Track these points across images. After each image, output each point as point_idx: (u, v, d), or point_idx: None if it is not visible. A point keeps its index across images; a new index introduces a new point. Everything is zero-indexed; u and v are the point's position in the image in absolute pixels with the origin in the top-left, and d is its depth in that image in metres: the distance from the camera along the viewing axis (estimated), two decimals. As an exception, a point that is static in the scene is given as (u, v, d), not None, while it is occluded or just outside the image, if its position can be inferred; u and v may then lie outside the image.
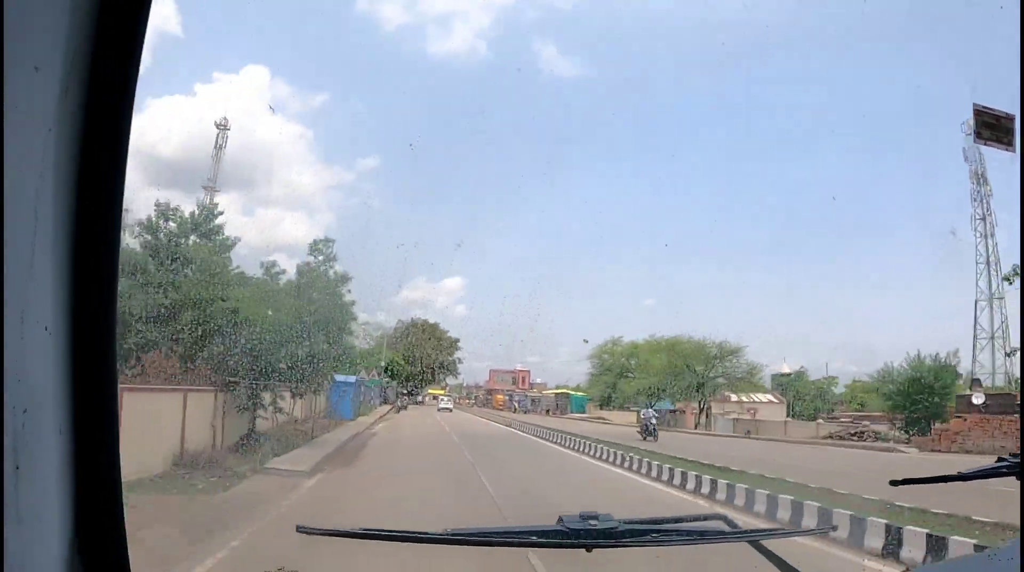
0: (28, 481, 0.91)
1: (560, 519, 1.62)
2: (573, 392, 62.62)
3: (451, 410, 58.41)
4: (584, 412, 57.31)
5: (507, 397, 79.11)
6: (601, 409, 54.83)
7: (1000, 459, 1.67)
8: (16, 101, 0.86)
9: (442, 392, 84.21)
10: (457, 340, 72.52)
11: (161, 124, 34.01)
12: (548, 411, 62.90)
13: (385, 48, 47.62)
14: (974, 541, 6.68)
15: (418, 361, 68.59)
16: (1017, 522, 1.66)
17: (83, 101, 0.97)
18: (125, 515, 1.10)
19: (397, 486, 12.03)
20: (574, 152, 55.31)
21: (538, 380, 79.09)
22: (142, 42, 1.03)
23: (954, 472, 1.67)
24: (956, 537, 7.01)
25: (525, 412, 63.95)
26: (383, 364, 55.13)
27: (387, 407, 47.59)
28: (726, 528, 1.87)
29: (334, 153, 54.08)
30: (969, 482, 1.62)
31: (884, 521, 7.88)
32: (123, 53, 1.01)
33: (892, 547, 7.44)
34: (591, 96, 50.59)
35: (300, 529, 1.59)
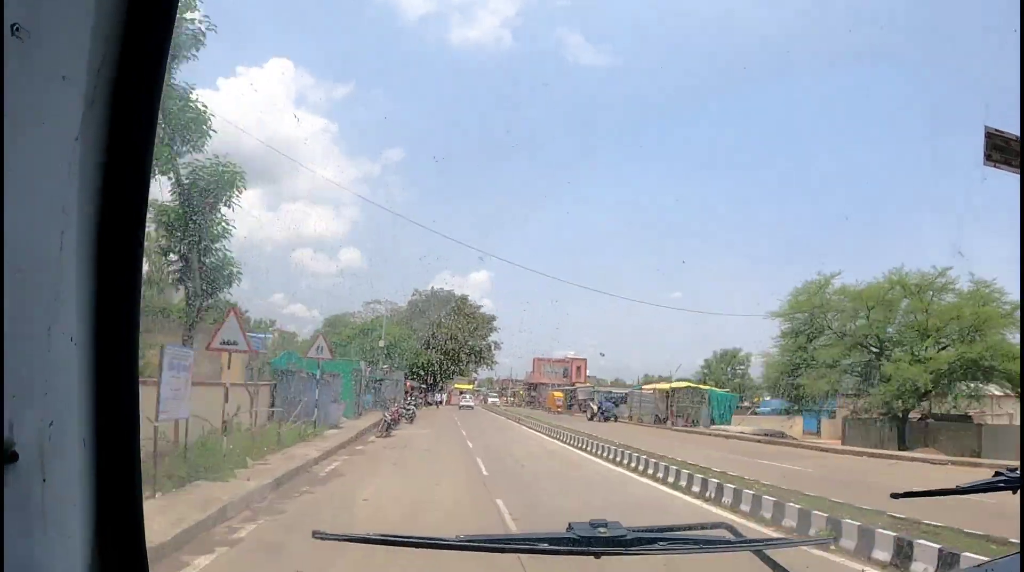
0: (53, 493, 0.92)
1: (570, 526, 1.60)
2: (711, 388, 37.66)
3: (472, 408, 49.27)
4: (729, 422, 32.55)
5: (567, 395, 56.20)
6: (762, 416, 30.78)
7: (998, 473, 1.69)
8: (43, 111, 0.88)
9: (469, 386, 62.60)
10: (493, 317, 52.75)
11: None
12: (664, 419, 37.20)
13: (409, 39, 41.22)
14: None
15: (440, 345, 49.55)
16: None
17: (109, 109, 0.96)
18: (145, 525, 1.09)
19: None
20: (601, 140, 51.93)
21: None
22: (168, 49, 1.02)
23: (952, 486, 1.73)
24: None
25: (607, 418, 38.79)
26: (382, 343, 35.92)
27: (369, 421, 23.86)
28: (731, 537, 1.84)
29: (358, 146, 51.26)
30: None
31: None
32: (149, 61, 1.00)
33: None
34: (617, 85, 46.08)
35: (316, 535, 1.58)
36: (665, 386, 39.52)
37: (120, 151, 0.97)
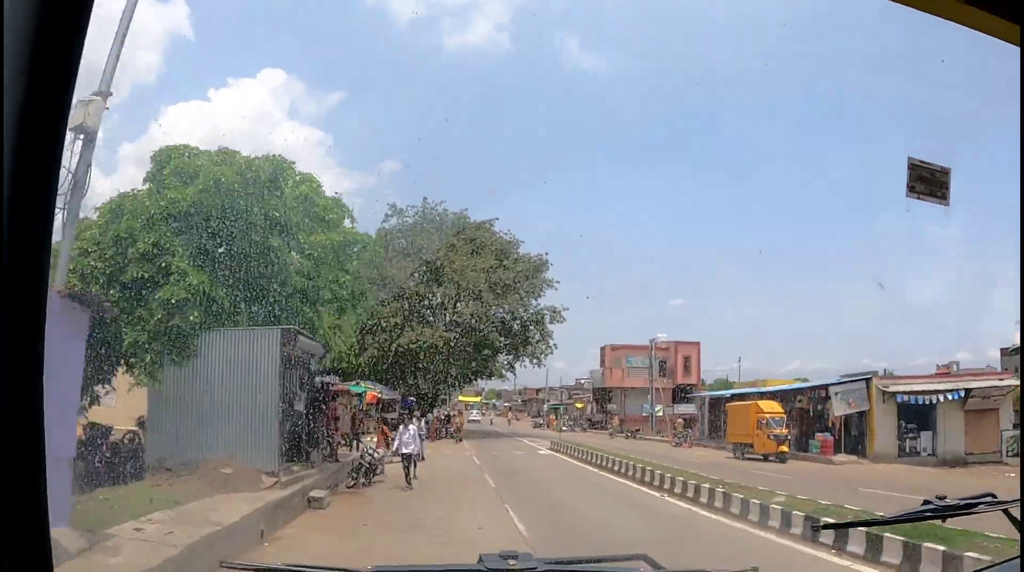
0: None
1: (480, 558, 1.62)
2: None
3: (479, 421, 43.16)
4: None
5: (793, 402, 25.60)
6: None
7: (926, 501, 1.64)
8: None
9: (476, 399, 50.68)
10: (545, 262, 29.44)
11: (175, 132, 33.47)
12: None
13: (402, 45, 42.77)
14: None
15: (442, 317, 27.88)
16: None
17: (17, 110, 0.91)
18: (53, 561, 1.01)
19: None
20: (599, 147, 54.34)
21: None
22: (80, 50, 0.97)
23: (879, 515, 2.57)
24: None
25: None
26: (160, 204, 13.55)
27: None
28: (649, 569, 1.80)
29: (353, 156, 51.58)
30: None
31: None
32: (61, 59, 0.95)
33: None
34: (617, 90, 47.96)
35: (224, 564, 1.61)
36: None
37: (25, 150, 0.91)
